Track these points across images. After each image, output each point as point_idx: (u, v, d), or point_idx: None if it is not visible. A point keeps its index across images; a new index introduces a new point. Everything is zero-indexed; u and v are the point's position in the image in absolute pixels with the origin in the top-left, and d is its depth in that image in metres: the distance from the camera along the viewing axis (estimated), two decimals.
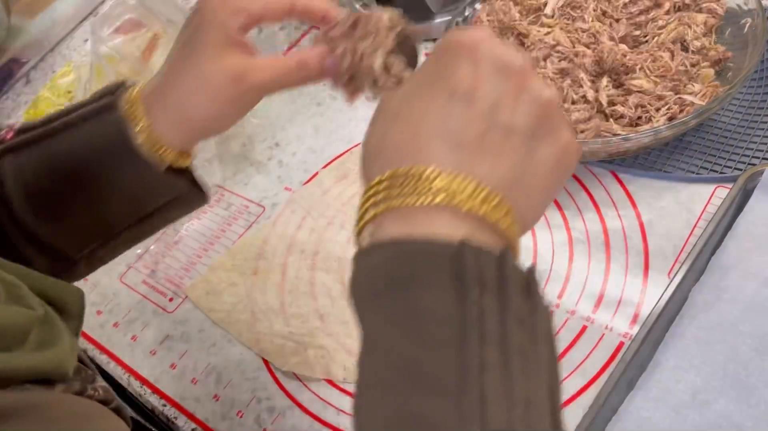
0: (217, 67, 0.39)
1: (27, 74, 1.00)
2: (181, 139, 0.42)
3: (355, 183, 0.67)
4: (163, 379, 0.58)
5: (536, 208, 0.31)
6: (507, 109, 0.30)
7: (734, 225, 0.51)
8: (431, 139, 0.29)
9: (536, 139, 0.30)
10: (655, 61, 0.58)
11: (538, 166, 0.30)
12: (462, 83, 0.30)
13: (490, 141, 0.29)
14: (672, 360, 0.45)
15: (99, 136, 0.43)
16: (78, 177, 0.43)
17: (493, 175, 0.29)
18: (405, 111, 0.31)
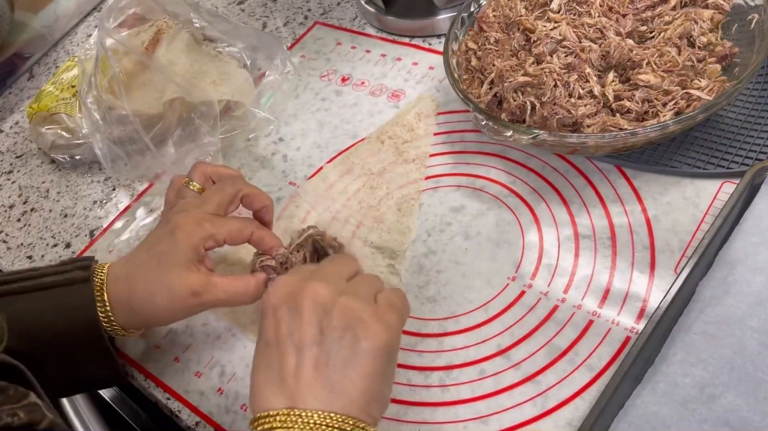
0: (183, 280, 0.49)
1: (30, 69, 1.00)
2: (132, 325, 0.53)
3: (360, 177, 0.67)
4: (167, 373, 0.58)
5: (367, 393, 0.39)
6: (299, 333, 0.40)
7: (741, 220, 0.51)
8: (262, 388, 0.40)
9: (333, 341, 0.39)
10: (662, 56, 0.58)
11: (345, 364, 0.39)
12: (268, 331, 0.41)
13: (300, 372, 0.39)
14: (679, 354, 0.45)
15: (71, 303, 0.50)
16: (37, 337, 0.50)
17: (309, 395, 0.38)
18: (253, 366, 0.42)
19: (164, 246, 0.51)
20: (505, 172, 0.63)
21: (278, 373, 0.39)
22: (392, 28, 0.81)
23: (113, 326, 0.51)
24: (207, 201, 0.54)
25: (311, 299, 0.40)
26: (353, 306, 0.40)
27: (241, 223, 0.53)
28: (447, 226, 0.61)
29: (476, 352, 0.52)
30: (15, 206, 0.80)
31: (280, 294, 0.42)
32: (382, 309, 0.41)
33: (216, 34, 0.73)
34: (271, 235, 0.55)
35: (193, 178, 0.57)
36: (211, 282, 0.50)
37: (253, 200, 0.57)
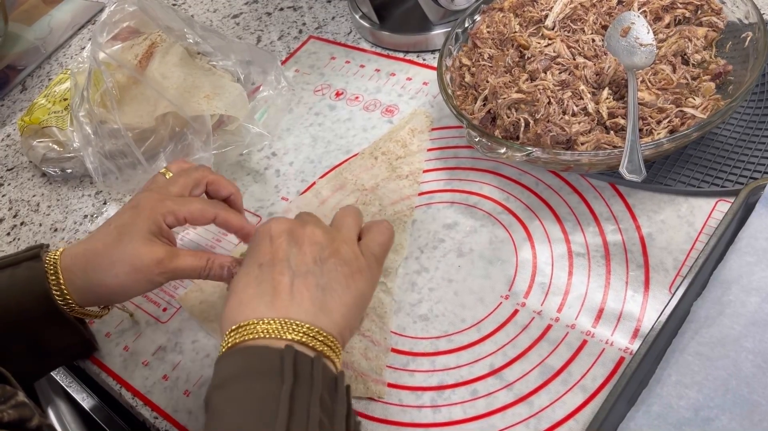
0: (147, 248, 0.50)
1: (23, 81, 1.00)
2: (88, 300, 0.52)
3: (353, 193, 0.66)
4: (156, 391, 0.57)
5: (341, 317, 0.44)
6: (298, 260, 0.45)
7: (736, 240, 0.50)
8: (252, 300, 0.43)
9: (326, 272, 0.44)
10: (656, 74, 0.57)
11: (336, 291, 0.44)
12: (265, 256, 0.45)
13: (293, 288, 0.43)
14: (674, 375, 0.45)
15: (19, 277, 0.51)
16: None
17: (300, 311, 0.42)
18: (234, 288, 0.45)
19: (126, 219, 0.52)
20: (498, 189, 0.62)
21: (271, 289, 0.43)
22: (387, 43, 0.81)
23: (68, 302, 0.52)
24: (172, 182, 0.56)
25: (310, 237, 0.46)
26: (345, 255, 0.46)
27: (203, 204, 0.54)
28: (440, 243, 0.60)
29: (469, 372, 0.51)
30: (5, 220, 0.79)
31: (280, 227, 0.46)
32: (369, 261, 0.47)
33: (209, 49, 0.73)
34: (238, 216, 0.56)
35: (170, 168, 0.59)
36: (174, 252, 0.52)
37: (219, 188, 0.58)
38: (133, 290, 0.52)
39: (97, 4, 1.11)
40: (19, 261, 0.52)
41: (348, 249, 0.46)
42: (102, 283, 0.51)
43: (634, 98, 0.55)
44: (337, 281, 0.44)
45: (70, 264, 0.52)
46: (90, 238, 0.53)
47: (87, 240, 0.53)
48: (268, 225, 0.47)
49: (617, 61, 0.58)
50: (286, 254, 0.45)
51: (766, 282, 0.47)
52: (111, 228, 0.52)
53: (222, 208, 0.55)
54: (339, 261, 0.45)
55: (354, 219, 0.50)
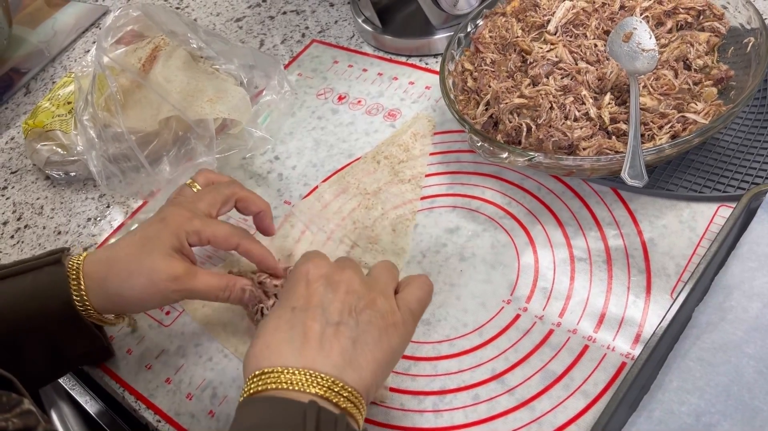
0: (165, 264, 0.50)
1: (27, 84, 1.00)
2: (106, 307, 0.52)
3: (355, 197, 0.66)
4: (158, 394, 0.57)
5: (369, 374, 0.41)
6: (333, 308, 0.42)
7: (738, 245, 0.50)
8: (280, 345, 0.41)
9: (360, 324, 0.42)
10: (658, 79, 0.58)
11: (367, 346, 0.42)
12: (300, 300, 0.43)
13: (324, 338, 0.41)
14: (675, 381, 0.45)
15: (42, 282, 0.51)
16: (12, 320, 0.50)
17: (327, 364, 0.40)
18: (264, 328, 0.43)
19: (150, 232, 0.52)
20: (500, 193, 0.63)
21: (302, 336, 0.41)
22: (389, 47, 0.81)
23: (87, 308, 0.52)
24: (200, 198, 0.56)
25: (347, 284, 0.44)
26: (381, 307, 0.44)
27: (229, 230, 0.54)
28: (442, 247, 0.60)
29: (470, 377, 0.51)
30: (9, 222, 0.79)
31: (318, 271, 0.45)
32: (405, 317, 0.44)
33: (213, 54, 0.73)
34: (260, 248, 0.55)
35: (197, 180, 0.59)
36: (193, 270, 0.51)
37: (249, 204, 0.58)
38: (148, 303, 0.53)
39: (101, 7, 1.11)
40: (41, 266, 0.52)
41: (384, 302, 0.44)
42: (119, 292, 0.51)
43: (636, 103, 0.55)
44: (370, 335, 0.42)
45: (91, 270, 0.52)
46: (114, 246, 0.53)
47: (110, 248, 0.53)
48: (306, 266, 0.45)
49: (619, 66, 0.58)
50: (321, 300, 0.43)
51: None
52: (135, 238, 0.52)
53: (246, 237, 0.55)
54: (374, 314, 0.43)
55: (391, 273, 0.48)
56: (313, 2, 0.95)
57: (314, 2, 0.95)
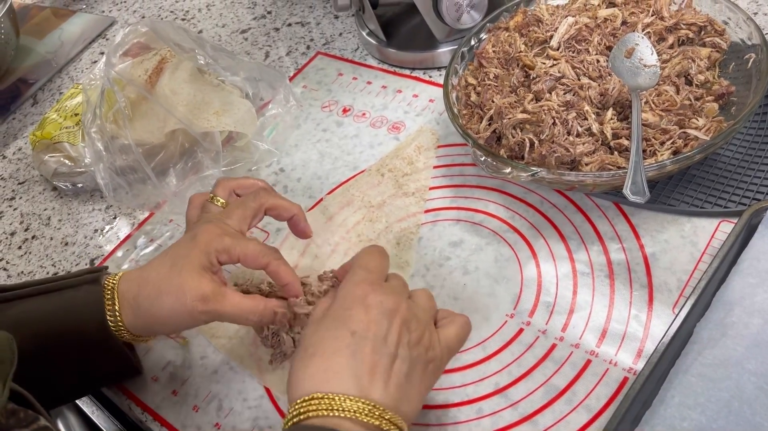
0: (195, 284, 0.49)
1: (34, 95, 1.01)
2: (136, 327, 0.52)
3: (360, 210, 0.67)
4: (165, 406, 0.58)
5: (416, 408, 0.43)
6: (393, 341, 0.42)
7: (739, 261, 0.51)
8: (341, 371, 0.41)
9: (412, 358, 0.43)
10: (660, 95, 0.58)
11: (415, 380, 0.42)
12: (360, 325, 0.43)
13: (381, 368, 0.41)
14: (677, 397, 0.45)
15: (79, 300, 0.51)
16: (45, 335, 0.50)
17: (386, 395, 0.41)
18: (320, 348, 0.42)
19: (181, 250, 0.52)
20: (504, 207, 0.63)
21: (362, 364, 0.41)
22: (393, 60, 0.82)
23: (120, 328, 0.51)
24: (229, 215, 0.54)
25: (402, 315, 0.44)
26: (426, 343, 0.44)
27: (260, 249, 0.52)
28: (446, 261, 0.61)
29: (474, 391, 0.52)
30: (16, 233, 0.80)
31: (376, 298, 0.44)
32: (443, 354, 0.45)
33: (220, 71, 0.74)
34: (289, 271, 0.53)
35: (217, 193, 0.58)
36: (222, 291, 0.50)
37: (280, 212, 0.57)
38: (178, 323, 0.52)
39: (107, 18, 1.12)
40: (79, 284, 0.52)
41: (429, 338, 0.44)
42: (149, 312, 0.51)
43: (638, 119, 0.55)
44: (419, 369, 0.43)
45: (125, 289, 0.52)
46: (147, 265, 0.53)
47: (144, 268, 0.53)
48: (363, 288, 0.45)
49: (621, 82, 0.59)
50: (381, 330, 0.42)
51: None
52: (166, 257, 0.52)
53: (276, 258, 0.53)
54: (422, 349, 0.43)
55: (432, 304, 0.48)
56: (317, 14, 0.96)
57: (319, 14, 0.96)
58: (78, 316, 0.51)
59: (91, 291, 0.52)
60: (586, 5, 0.67)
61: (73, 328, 0.51)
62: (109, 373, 0.56)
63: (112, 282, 0.52)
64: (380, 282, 0.46)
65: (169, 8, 1.10)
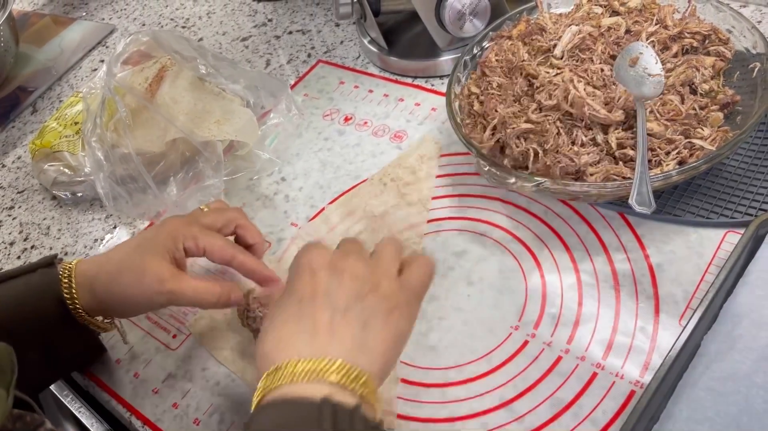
0: (155, 265, 0.51)
1: (34, 103, 1.01)
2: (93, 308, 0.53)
3: (362, 220, 0.66)
4: (165, 419, 0.57)
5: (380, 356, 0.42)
6: (339, 295, 0.43)
7: (746, 273, 0.50)
8: (291, 338, 0.42)
9: (366, 308, 0.42)
10: (665, 105, 0.58)
11: (375, 329, 0.42)
12: (306, 290, 0.43)
13: (329, 324, 0.41)
14: (685, 411, 0.45)
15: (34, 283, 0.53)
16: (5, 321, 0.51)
17: (340, 349, 0.41)
18: (273, 323, 0.43)
19: (148, 234, 0.55)
20: (507, 217, 0.63)
21: (311, 326, 0.42)
22: (395, 68, 0.82)
23: (77, 308, 0.53)
24: (204, 215, 0.58)
25: (351, 270, 0.44)
26: (385, 290, 0.44)
27: (225, 242, 0.55)
28: (449, 271, 0.60)
29: (479, 404, 0.51)
30: (15, 242, 0.79)
31: (320, 260, 0.45)
32: (408, 298, 0.45)
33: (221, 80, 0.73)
34: (255, 261, 0.55)
35: (209, 206, 0.61)
36: (180, 274, 0.52)
37: (246, 234, 0.59)
38: (133, 304, 0.53)
39: (107, 26, 1.12)
40: (34, 269, 0.54)
41: (388, 285, 0.44)
42: (106, 289, 0.52)
43: (643, 129, 0.55)
44: (377, 318, 0.43)
45: (84, 269, 0.53)
46: (111, 249, 0.55)
47: (108, 251, 0.55)
48: (308, 256, 0.45)
49: (626, 91, 0.58)
50: (327, 288, 0.43)
51: None
52: (132, 241, 0.55)
53: (241, 251, 0.55)
54: (379, 297, 0.43)
55: (395, 251, 0.48)
56: (318, 22, 0.96)
57: (320, 22, 0.96)
58: (35, 298, 0.53)
59: (47, 273, 0.53)
60: (589, 14, 0.67)
61: (32, 311, 0.52)
62: (75, 354, 0.57)
63: (69, 266, 0.54)
64: (326, 247, 0.46)
65: (170, 16, 1.10)
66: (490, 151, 0.61)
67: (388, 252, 0.48)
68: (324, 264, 0.45)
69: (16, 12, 1.22)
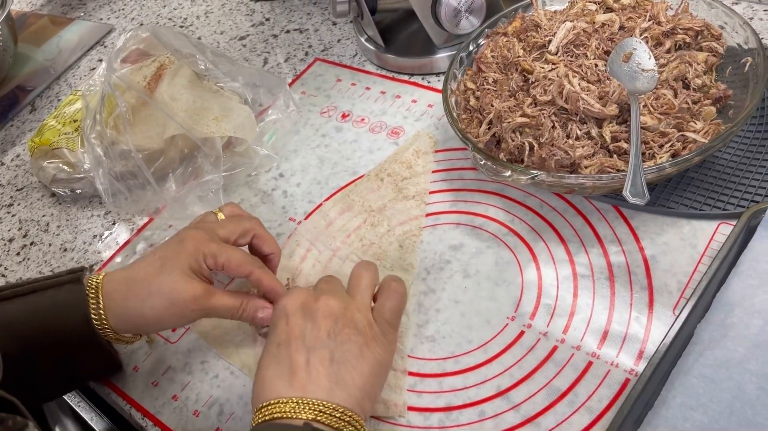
0: (186, 284, 0.52)
1: (32, 102, 1.01)
2: (123, 327, 0.54)
3: (360, 214, 0.67)
4: (165, 411, 0.58)
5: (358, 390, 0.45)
6: (312, 336, 0.46)
7: (738, 262, 0.51)
8: (273, 380, 0.45)
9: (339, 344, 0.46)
10: (658, 99, 0.59)
11: (349, 363, 0.45)
12: (282, 335, 0.47)
13: (302, 364, 0.45)
14: (679, 398, 0.45)
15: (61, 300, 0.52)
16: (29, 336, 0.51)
17: (316, 389, 0.44)
18: (259, 366, 0.47)
19: (170, 252, 0.54)
20: (503, 211, 0.63)
21: (288, 368, 0.45)
22: (392, 66, 0.83)
23: (105, 327, 0.53)
24: (221, 225, 0.58)
25: (323, 310, 0.48)
26: (358, 324, 0.47)
27: (244, 257, 0.55)
28: (446, 264, 0.61)
29: (476, 393, 0.52)
30: (15, 239, 0.80)
31: (294, 304, 0.48)
32: (383, 328, 0.48)
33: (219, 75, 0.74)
34: (272, 278, 0.56)
35: (223, 209, 0.61)
36: (211, 290, 0.53)
37: (262, 244, 0.59)
38: (167, 322, 0.54)
39: (105, 26, 1.12)
40: (61, 284, 0.53)
41: (361, 317, 0.48)
42: (138, 312, 0.52)
43: (637, 123, 0.56)
44: (351, 352, 0.46)
45: (110, 290, 0.53)
46: (133, 266, 0.54)
47: (129, 268, 0.54)
48: (283, 302, 0.49)
49: (621, 86, 0.59)
50: (302, 331, 0.47)
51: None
52: (155, 258, 0.54)
53: (260, 267, 0.55)
54: (352, 332, 0.47)
55: (369, 280, 0.51)
56: (316, 21, 0.97)
57: (317, 21, 0.97)
58: (61, 316, 0.52)
59: (74, 290, 0.53)
60: (583, 10, 0.68)
61: (56, 328, 0.52)
62: (94, 370, 0.57)
63: (95, 282, 0.53)
64: (303, 291, 0.50)
65: (168, 15, 1.10)
66: (486, 145, 0.62)
67: (362, 282, 0.51)
68: (297, 308, 0.48)
69: (14, 12, 1.22)
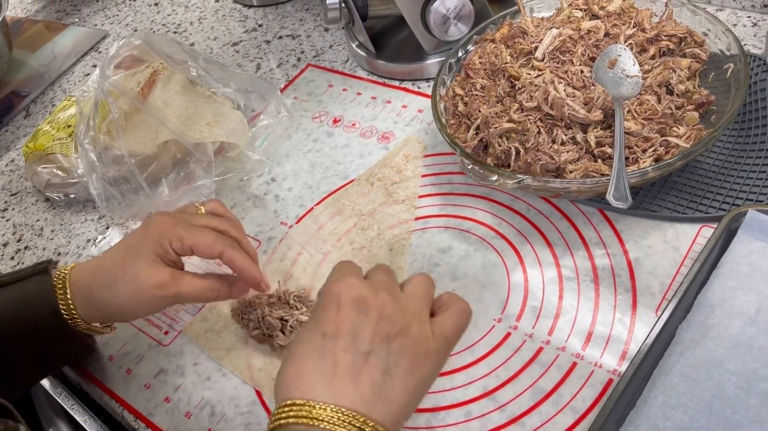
0: (150, 271, 0.51)
1: (27, 107, 1.02)
2: (93, 316, 0.54)
3: (350, 218, 0.68)
4: (158, 413, 0.59)
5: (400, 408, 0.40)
6: (365, 337, 0.40)
7: (719, 265, 0.52)
8: (310, 375, 0.40)
9: (391, 353, 0.40)
10: (642, 104, 0.60)
11: (398, 377, 0.40)
12: (330, 325, 0.41)
13: (350, 368, 0.39)
14: (660, 397, 0.46)
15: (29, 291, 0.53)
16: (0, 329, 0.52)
17: (357, 398, 0.38)
18: (294, 353, 0.41)
19: (135, 239, 0.54)
20: (491, 214, 0.64)
21: (331, 366, 0.39)
22: (382, 72, 0.84)
23: (74, 317, 0.53)
24: (198, 217, 0.56)
25: (380, 309, 0.41)
26: (415, 334, 0.41)
27: (213, 237, 0.53)
28: (435, 267, 0.62)
29: (463, 394, 0.53)
30: (9, 244, 0.80)
31: (350, 294, 0.42)
32: (439, 344, 0.42)
33: (212, 81, 0.75)
34: (244, 257, 0.54)
35: (206, 205, 0.59)
36: (180, 275, 0.52)
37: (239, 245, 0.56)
38: (135, 311, 0.53)
39: (100, 32, 1.13)
40: (28, 276, 0.54)
41: (419, 328, 0.41)
42: (104, 300, 0.53)
43: (621, 128, 0.57)
44: (402, 365, 0.40)
45: (78, 279, 0.53)
46: (100, 256, 0.55)
47: (98, 258, 0.55)
48: (338, 287, 0.42)
49: (605, 92, 0.60)
50: (353, 327, 0.40)
51: (748, 305, 0.49)
52: (120, 247, 0.54)
53: (230, 246, 0.53)
54: (407, 342, 0.40)
55: (427, 290, 0.45)
56: (308, 27, 0.98)
57: (309, 27, 0.98)
58: (29, 307, 0.53)
59: (41, 281, 0.53)
60: (570, 18, 0.69)
61: (26, 319, 0.53)
62: (68, 357, 0.59)
63: (63, 272, 0.54)
64: (358, 278, 0.43)
65: (161, 22, 1.11)
66: (474, 150, 0.63)
67: (421, 290, 0.44)
68: (352, 299, 0.41)
69: (9, 18, 1.23)
